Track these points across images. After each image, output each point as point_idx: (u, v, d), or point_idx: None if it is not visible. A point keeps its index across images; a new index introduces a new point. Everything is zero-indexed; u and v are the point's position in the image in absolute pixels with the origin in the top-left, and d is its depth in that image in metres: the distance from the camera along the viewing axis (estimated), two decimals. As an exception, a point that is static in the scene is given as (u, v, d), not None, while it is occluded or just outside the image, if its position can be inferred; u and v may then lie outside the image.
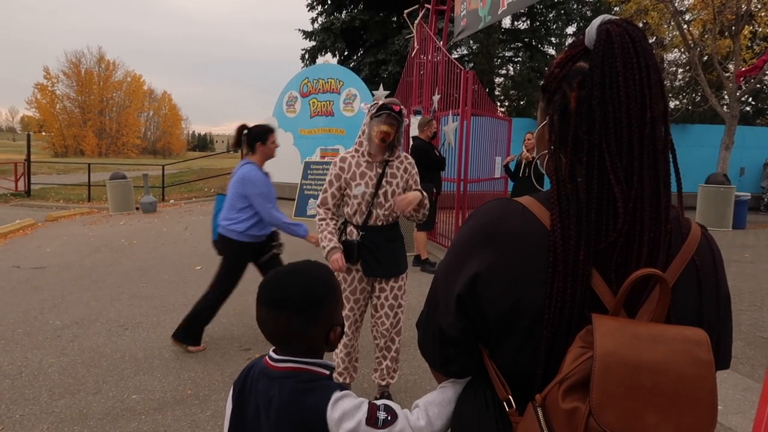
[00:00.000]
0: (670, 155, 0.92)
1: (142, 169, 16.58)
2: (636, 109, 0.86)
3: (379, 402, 1.21)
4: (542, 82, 0.99)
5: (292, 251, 7.81)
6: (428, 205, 3.12)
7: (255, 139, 4.08)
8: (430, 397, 1.16)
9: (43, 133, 68.22)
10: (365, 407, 1.17)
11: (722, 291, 0.96)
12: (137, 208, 12.53)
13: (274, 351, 1.28)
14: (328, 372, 1.27)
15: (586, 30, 0.91)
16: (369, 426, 1.14)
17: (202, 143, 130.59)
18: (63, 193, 16.85)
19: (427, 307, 1.11)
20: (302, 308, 1.21)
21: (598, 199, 0.88)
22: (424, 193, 3.08)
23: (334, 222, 3.06)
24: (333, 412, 1.15)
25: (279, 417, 1.19)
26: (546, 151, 0.98)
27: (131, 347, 4.22)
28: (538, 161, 1.05)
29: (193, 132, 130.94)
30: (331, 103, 14.03)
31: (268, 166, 4.26)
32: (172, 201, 15.18)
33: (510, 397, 0.96)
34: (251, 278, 6.24)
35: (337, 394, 1.18)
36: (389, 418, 1.16)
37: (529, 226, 0.94)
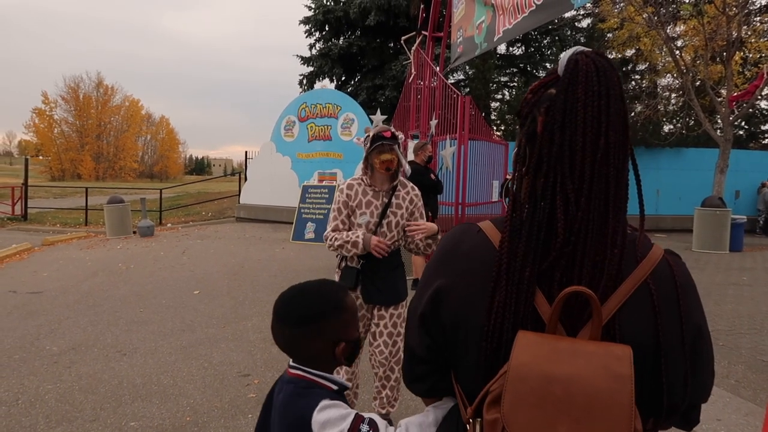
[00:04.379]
0: (635, 180, 0.95)
1: (139, 193, 16.61)
2: (591, 134, 0.89)
3: (366, 415, 1.25)
4: (519, 107, 1.02)
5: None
6: (438, 240, 3.12)
7: None
8: (413, 418, 1.18)
9: (41, 157, 68.28)
10: (350, 419, 1.22)
11: (690, 319, 0.93)
12: (134, 232, 12.50)
13: (293, 360, 1.36)
14: (335, 387, 1.31)
15: (559, 58, 0.95)
16: None
17: (200, 167, 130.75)
18: (60, 217, 16.83)
19: (404, 328, 1.17)
20: (301, 323, 1.29)
21: (548, 220, 0.91)
22: (439, 228, 3.08)
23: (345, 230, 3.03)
24: (318, 417, 1.21)
25: (278, 418, 1.29)
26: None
27: (129, 373, 4.18)
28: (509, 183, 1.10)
29: (191, 155, 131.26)
30: (329, 127, 14.14)
31: (265, 188, 4.26)
32: (169, 225, 15.16)
33: (471, 420, 0.97)
34: (250, 304, 6.23)
35: (325, 402, 1.24)
36: (371, 431, 1.21)
37: (479, 246, 0.99)
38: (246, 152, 17.10)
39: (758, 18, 15.31)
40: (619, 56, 19.18)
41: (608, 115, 0.89)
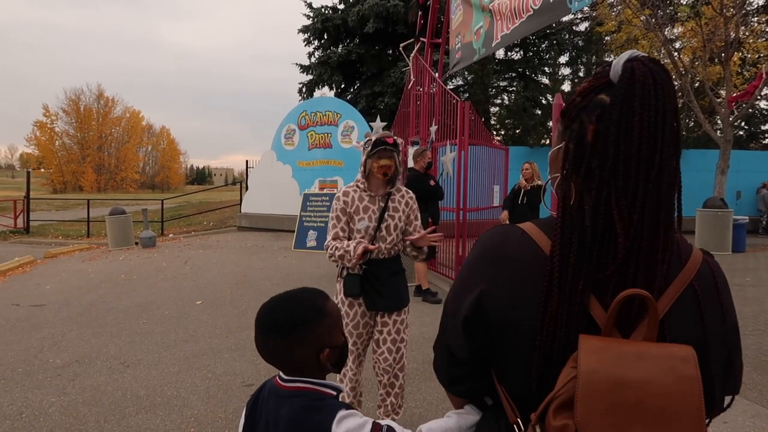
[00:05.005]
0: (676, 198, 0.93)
1: (141, 204, 16.63)
2: (646, 151, 0.87)
3: (383, 422, 1.25)
4: (564, 107, 1.01)
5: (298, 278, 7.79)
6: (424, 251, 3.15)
7: None
8: (433, 424, 1.18)
9: (42, 170, 68.47)
10: (369, 427, 1.22)
11: (728, 318, 0.97)
12: (136, 243, 12.52)
13: (282, 372, 1.34)
14: (335, 393, 1.31)
15: (613, 63, 0.92)
16: None
17: (201, 177, 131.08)
18: (62, 229, 16.86)
19: (439, 329, 1.16)
20: (286, 331, 1.29)
21: (601, 232, 0.90)
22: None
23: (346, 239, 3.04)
24: (338, 429, 1.20)
25: None
26: (557, 175, 1.00)
27: (132, 385, 4.18)
28: (550, 182, 1.08)
29: (192, 165, 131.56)
30: (329, 135, 14.17)
31: (267, 197, 4.26)
32: (171, 235, 15.18)
33: (519, 420, 0.97)
34: (252, 313, 6.22)
35: (342, 413, 1.23)
36: None
37: (526, 250, 0.98)
38: (247, 161, 17.16)
39: (756, 18, 15.36)
40: (618, 59, 19.19)
41: (664, 131, 0.88)
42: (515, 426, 0.98)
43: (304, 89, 23.17)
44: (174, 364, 4.64)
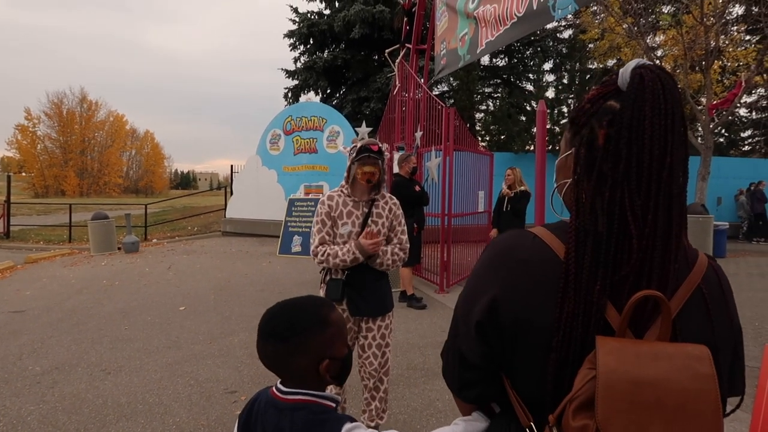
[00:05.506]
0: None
1: (124, 209, 16.46)
2: (657, 153, 0.90)
3: None
4: (571, 114, 1.03)
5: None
6: (396, 256, 3.08)
7: None
8: (441, 431, 1.17)
9: (23, 174, 67.45)
10: None
11: (735, 321, 1.00)
12: (119, 248, 12.38)
13: (281, 383, 1.31)
14: (334, 405, 1.30)
15: (620, 71, 0.95)
16: None
17: (185, 181, 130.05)
18: (43, 234, 16.61)
19: (449, 334, 1.16)
20: (285, 337, 1.26)
21: (616, 233, 0.92)
22: (387, 248, 3.06)
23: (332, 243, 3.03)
24: None
25: None
26: (566, 180, 1.02)
27: (113, 392, 4.12)
28: (557, 189, 1.09)
29: (176, 170, 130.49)
30: (315, 140, 14.16)
31: (252, 202, 4.25)
32: (154, 240, 15.03)
33: (532, 423, 0.98)
34: (236, 319, 6.18)
35: (348, 425, 1.22)
36: None
37: (539, 253, 0.99)
38: (232, 166, 17.07)
39: (735, 28, 15.63)
40: (601, 66, 19.46)
41: (673, 134, 0.91)
42: (527, 430, 0.99)
43: (289, 94, 23.12)
44: (156, 371, 4.59)
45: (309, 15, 22.30)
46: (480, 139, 19.74)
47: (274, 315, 1.32)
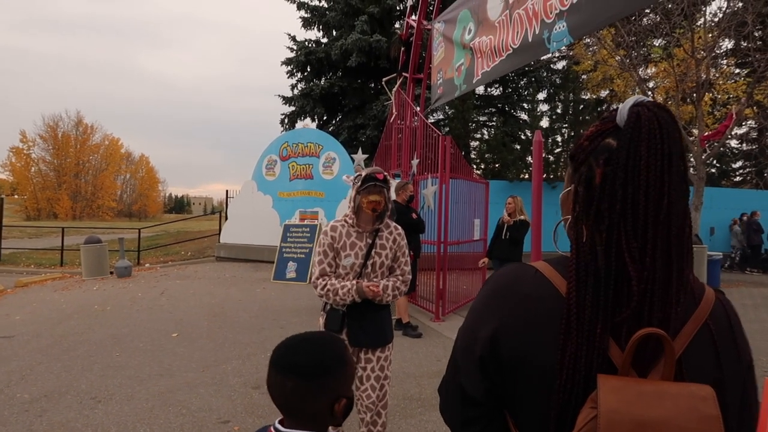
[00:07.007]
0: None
1: (117, 233, 16.37)
2: (654, 194, 0.89)
3: None
4: (570, 151, 1.02)
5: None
6: (397, 290, 3.06)
7: None
8: None
9: (16, 196, 67.17)
10: None
11: (744, 356, 0.97)
12: (112, 273, 12.27)
13: (279, 422, 1.26)
14: None
15: (619, 108, 0.95)
16: None
17: (179, 205, 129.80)
18: (34, 257, 16.47)
19: (448, 370, 1.13)
20: (309, 376, 1.21)
21: (615, 274, 0.90)
22: (388, 283, 3.04)
23: (333, 277, 3.01)
24: None
25: None
26: (569, 217, 1.02)
27: (104, 421, 4.04)
28: (563, 224, 1.08)
29: (170, 194, 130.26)
30: (311, 166, 14.21)
31: (246, 227, 4.23)
32: (147, 265, 14.92)
33: None
34: (230, 346, 6.11)
35: None
36: None
37: (540, 288, 0.98)
38: (227, 191, 17.05)
39: (725, 61, 15.95)
40: (594, 97, 19.75)
41: (670, 174, 0.90)
42: None
43: (286, 120, 23.25)
44: (147, 399, 4.50)
45: (307, 43, 22.58)
46: (475, 167, 19.87)
47: (295, 350, 1.26)
